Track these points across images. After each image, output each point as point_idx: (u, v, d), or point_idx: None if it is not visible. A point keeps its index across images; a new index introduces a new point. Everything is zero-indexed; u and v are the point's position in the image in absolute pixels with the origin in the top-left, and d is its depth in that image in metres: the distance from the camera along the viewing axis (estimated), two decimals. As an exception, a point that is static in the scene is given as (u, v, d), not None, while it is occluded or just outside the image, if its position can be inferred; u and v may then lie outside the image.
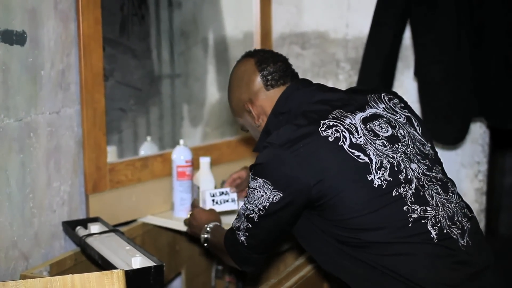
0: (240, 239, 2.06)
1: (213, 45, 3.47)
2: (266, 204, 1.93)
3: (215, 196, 2.60)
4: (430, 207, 1.89)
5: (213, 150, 3.09)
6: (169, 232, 2.91)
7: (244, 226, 2.03)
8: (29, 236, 2.26)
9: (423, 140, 2.05)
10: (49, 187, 2.34)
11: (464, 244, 1.89)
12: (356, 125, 1.94)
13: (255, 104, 2.17)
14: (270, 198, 1.91)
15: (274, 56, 2.20)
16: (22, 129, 2.20)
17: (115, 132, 2.92)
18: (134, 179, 2.69)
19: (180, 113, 3.33)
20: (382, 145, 1.93)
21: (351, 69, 3.32)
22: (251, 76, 2.16)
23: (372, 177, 1.87)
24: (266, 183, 1.91)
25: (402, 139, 1.98)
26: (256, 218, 1.98)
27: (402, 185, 1.89)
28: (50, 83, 2.31)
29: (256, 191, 1.94)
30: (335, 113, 1.96)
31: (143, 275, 1.99)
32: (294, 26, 3.45)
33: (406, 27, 3.01)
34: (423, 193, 1.91)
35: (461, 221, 1.93)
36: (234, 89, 2.23)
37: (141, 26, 2.98)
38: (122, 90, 2.92)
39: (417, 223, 1.86)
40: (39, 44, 2.26)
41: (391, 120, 2.02)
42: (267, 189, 1.91)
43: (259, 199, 1.94)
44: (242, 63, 2.21)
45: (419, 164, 1.96)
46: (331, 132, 1.90)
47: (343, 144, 1.89)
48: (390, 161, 1.91)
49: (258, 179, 1.93)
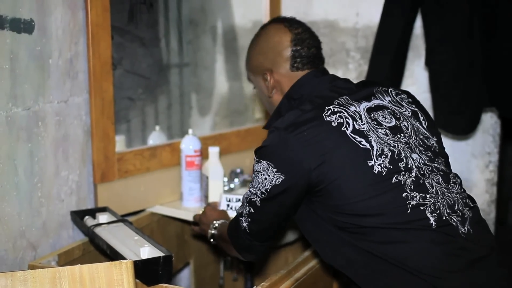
0: (243, 226, 2.05)
1: (221, 34, 3.45)
2: (269, 187, 1.92)
3: (231, 202, 2.60)
4: (429, 195, 1.90)
5: (222, 139, 3.07)
6: (177, 222, 2.91)
7: (246, 211, 2.03)
8: (37, 226, 2.26)
9: (427, 134, 2.05)
10: (57, 176, 2.33)
11: (465, 231, 1.89)
12: (360, 113, 1.95)
13: (273, 77, 2.17)
14: (273, 181, 1.91)
15: (311, 39, 2.19)
16: (30, 118, 2.19)
17: (123, 121, 2.91)
18: (143, 169, 2.68)
19: (188, 103, 3.32)
20: (384, 134, 1.94)
21: (361, 58, 3.30)
22: (282, 51, 2.15)
23: (373, 163, 1.87)
24: (269, 165, 1.91)
25: (405, 130, 1.99)
26: (259, 202, 1.97)
27: (402, 173, 1.89)
28: (58, 72, 2.30)
29: (259, 174, 1.94)
30: (341, 99, 1.97)
31: (152, 266, 1.98)
32: (303, 15, 3.42)
33: (417, 16, 2.98)
34: (423, 181, 1.91)
35: (461, 210, 1.93)
36: (259, 51, 2.21)
37: (149, 14, 2.97)
38: (131, 79, 2.90)
39: (415, 209, 1.86)
40: (47, 33, 2.24)
41: (396, 112, 2.02)
42: (270, 172, 1.91)
43: (262, 182, 1.93)
44: (278, 32, 2.18)
45: (421, 154, 1.97)
46: (335, 118, 1.91)
47: (345, 130, 1.89)
48: (391, 149, 1.91)
49: (262, 161, 1.94)
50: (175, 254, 2.86)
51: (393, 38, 2.94)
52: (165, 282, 2.01)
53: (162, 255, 2.02)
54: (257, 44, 2.24)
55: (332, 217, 1.92)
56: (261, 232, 2.05)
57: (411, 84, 3.16)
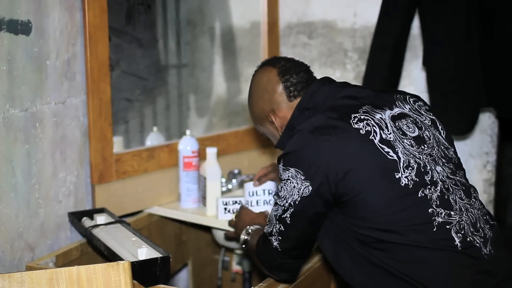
0: (274, 245, 1.98)
1: (219, 34, 3.45)
2: (297, 199, 1.86)
3: (228, 205, 2.60)
4: (454, 212, 1.84)
5: (220, 140, 3.07)
6: (175, 223, 2.91)
7: (276, 229, 1.96)
8: (35, 227, 2.26)
9: (447, 144, 2.00)
10: (55, 177, 2.33)
11: (487, 253, 1.84)
12: (386, 121, 1.90)
13: (277, 115, 2.12)
14: (301, 189, 1.84)
15: (296, 65, 2.14)
16: (28, 119, 2.19)
17: (121, 123, 2.92)
18: (141, 170, 2.68)
19: (186, 103, 3.32)
20: (410, 145, 1.88)
21: (358, 59, 3.30)
22: (274, 87, 2.11)
23: (400, 175, 1.82)
24: (298, 172, 1.85)
25: (427, 140, 1.93)
26: (288, 218, 1.90)
27: (428, 187, 1.84)
28: (55, 73, 2.30)
29: (289, 181, 1.87)
30: (365, 108, 1.92)
31: (149, 266, 1.99)
32: (301, 15, 3.43)
33: (414, 16, 2.99)
34: (448, 197, 1.86)
35: (483, 229, 1.88)
36: (256, 98, 2.17)
37: (147, 16, 2.97)
38: (128, 80, 2.90)
39: (441, 228, 1.81)
40: (45, 34, 2.24)
41: (417, 121, 1.96)
42: (299, 179, 1.84)
43: (290, 191, 1.87)
44: (264, 73, 2.15)
45: (444, 167, 1.92)
46: (363, 125, 1.85)
47: (373, 139, 1.84)
48: (417, 161, 1.86)
49: (290, 169, 1.87)
50: (173, 255, 2.86)
51: (391, 38, 2.94)
52: (162, 283, 2.01)
53: (159, 256, 2.02)
54: (252, 93, 2.21)
55: (354, 230, 1.86)
56: (293, 249, 1.98)
57: (409, 84, 3.16)
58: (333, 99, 1.98)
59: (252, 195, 2.54)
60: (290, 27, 3.46)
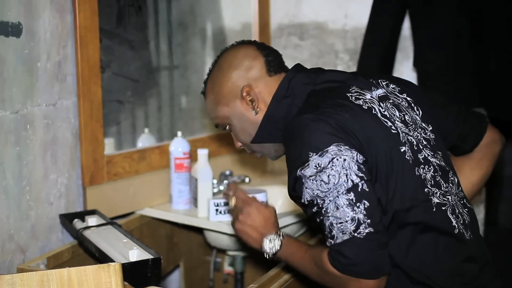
0: (366, 232, 1.65)
1: (211, 36, 3.45)
2: (359, 165, 1.67)
3: (219, 206, 2.60)
4: (445, 193, 1.82)
5: (211, 142, 3.08)
6: (167, 225, 2.91)
7: (362, 213, 1.65)
8: (26, 229, 2.25)
9: (424, 125, 1.90)
10: (46, 179, 2.33)
11: (469, 238, 1.83)
12: (377, 100, 1.84)
13: (254, 91, 1.95)
14: (355, 158, 1.67)
15: (270, 47, 2.07)
16: (19, 121, 2.19)
17: (112, 124, 2.91)
18: (132, 171, 2.68)
19: (178, 105, 3.32)
20: (400, 122, 1.83)
21: (349, 60, 3.31)
22: (253, 60, 1.97)
23: (404, 149, 1.77)
24: (338, 146, 1.67)
25: (409, 122, 1.86)
26: (366, 187, 1.67)
27: (422, 166, 1.79)
28: (46, 75, 2.30)
29: (338, 159, 1.66)
30: (353, 88, 1.84)
31: (140, 268, 1.98)
32: (292, 17, 3.44)
33: (405, 18, 3.00)
34: (438, 179, 1.82)
35: (462, 214, 1.85)
36: (227, 73, 1.99)
37: (138, 17, 2.97)
38: (119, 81, 2.90)
39: (439, 208, 1.77)
40: (35, 36, 2.24)
41: (396, 103, 1.89)
42: (346, 150, 1.66)
43: (348, 165, 1.66)
44: (241, 48, 2.02)
45: (425, 149, 1.85)
46: (362, 102, 1.79)
47: (376, 113, 1.79)
48: (409, 139, 1.81)
49: (327, 149, 1.67)
50: (165, 256, 2.87)
51: (382, 39, 2.95)
52: (154, 285, 2.00)
53: (150, 258, 2.02)
54: (219, 69, 2.03)
55: None
56: (381, 223, 1.70)
57: (400, 86, 3.17)
58: (314, 85, 1.89)
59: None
60: (281, 28, 3.47)
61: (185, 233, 3.05)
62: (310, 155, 1.68)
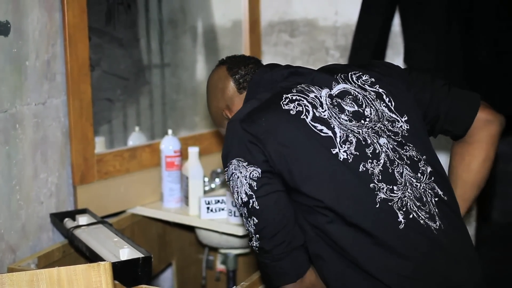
0: (256, 245, 1.88)
1: (201, 33, 3.45)
2: (251, 183, 1.81)
3: (211, 204, 2.60)
4: (397, 187, 1.82)
5: (202, 140, 3.07)
6: (158, 223, 2.90)
7: (252, 228, 1.86)
8: (16, 229, 2.24)
9: (394, 116, 1.92)
10: (36, 178, 2.32)
11: (437, 227, 1.82)
12: (321, 99, 1.88)
13: (232, 110, 2.08)
14: (250, 175, 1.81)
15: (245, 59, 2.14)
16: (8, 121, 2.18)
17: (103, 123, 2.91)
18: (123, 170, 2.67)
19: (169, 103, 3.31)
20: (348, 120, 1.86)
21: (340, 57, 3.30)
22: (224, 82, 2.10)
23: (337, 151, 1.80)
24: (239, 161, 1.82)
25: (368, 115, 1.89)
26: (256, 204, 1.82)
27: (369, 160, 1.82)
28: (35, 74, 2.29)
29: (234, 175, 1.84)
30: (300, 87, 1.91)
31: (131, 267, 1.98)
32: (282, 14, 3.43)
33: (395, 14, 2.99)
34: (392, 171, 1.83)
35: (429, 203, 1.84)
36: (211, 99, 2.16)
37: (127, 15, 2.96)
38: (109, 80, 2.89)
39: (384, 204, 1.79)
40: (24, 34, 2.23)
41: (358, 97, 1.91)
42: (243, 168, 1.82)
43: (241, 181, 1.82)
44: (215, 72, 2.15)
45: (389, 139, 1.87)
46: (293, 106, 1.85)
47: (305, 118, 1.83)
48: (356, 135, 1.84)
49: (231, 162, 1.84)
50: (157, 255, 2.86)
51: (372, 36, 2.95)
52: (144, 283, 2.01)
53: (141, 256, 2.01)
54: (208, 95, 2.18)
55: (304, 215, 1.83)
56: (274, 238, 1.85)
57: (391, 82, 3.16)
58: (275, 82, 1.98)
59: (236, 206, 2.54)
60: (271, 25, 3.46)
61: (177, 231, 3.05)
62: (224, 161, 1.89)
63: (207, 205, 2.60)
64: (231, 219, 2.56)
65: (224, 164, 1.89)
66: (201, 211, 2.61)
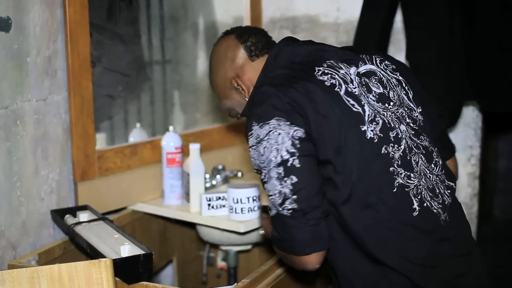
0: (291, 208, 1.74)
1: (203, 30, 3.44)
2: (294, 141, 1.73)
3: (212, 201, 2.59)
4: (413, 175, 1.82)
5: (203, 136, 3.07)
6: (159, 220, 2.90)
7: (287, 188, 1.74)
8: (17, 225, 2.24)
9: (412, 105, 1.94)
10: (36, 175, 2.32)
11: (444, 219, 1.83)
12: (351, 76, 1.86)
13: (242, 79, 2.02)
14: (291, 133, 1.73)
15: (253, 28, 2.10)
16: (8, 117, 2.17)
17: (104, 119, 2.90)
18: (124, 167, 2.67)
19: (170, 99, 3.31)
20: (375, 101, 1.85)
21: (342, 54, 3.30)
22: (234, 50, 2.04)
23: (365, 128, 1.79)
24: (280, 120, 1.74)
25: (392, 99, 1.89)
26: (297, 162, 1.73)
27: (391, 144, 1.81)
28: (36, 70, 2.28)
29: (274, 132, 1.74)
30: (330, 62, 1.88)
31: (132, 264, 1.98)
32: (284, 10, 3.43)
33: (397, 10, 2.99)
34: (410, 158, 1.83)
35: (443, 195, 1.87)
36: (217, 69, 2.08)
37: (128, 12, 2.95)
38: (110, 76, 2.89)
39: (401, 189, 1.79)
40: (25, 31, 2.22)
41: (383, 80, 1.91)
42: (284, 125, 1.73)
43: (282, 139, 1.73)
44: (223, 41, 2.09)
45: (408, 127, 1.88)
46: (327, 78, 1.82)
47: (339, 91, 1.81)
48: (382, 117, 1.83)
49: (269, 122, 1.74)
50: (158, 251, 2.86)
51: (374, 32, 2.94)
52: (145, 280, 2.00)
53: (142, 253, 2.01)
54: (212, 66, 2.11)
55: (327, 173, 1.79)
56: (311, 199, 1.75)
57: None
58: (299, 56, 1.94)
59: (237, 202, 2.53)
60: (273, 22, 3.46)
61: (178, 228, 3.04)
62: (253, 125, 1.79)
63: (208, 202, 2.59)
64: (232, 216, 2.56)
65: (252, 123, 1.79)
66: (202, 208, 2.60)
